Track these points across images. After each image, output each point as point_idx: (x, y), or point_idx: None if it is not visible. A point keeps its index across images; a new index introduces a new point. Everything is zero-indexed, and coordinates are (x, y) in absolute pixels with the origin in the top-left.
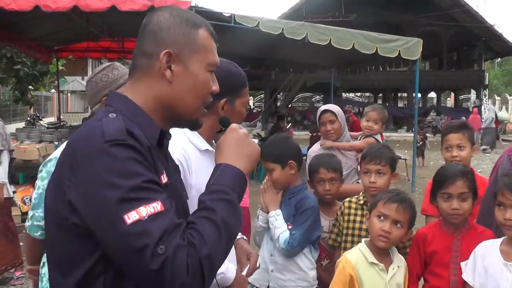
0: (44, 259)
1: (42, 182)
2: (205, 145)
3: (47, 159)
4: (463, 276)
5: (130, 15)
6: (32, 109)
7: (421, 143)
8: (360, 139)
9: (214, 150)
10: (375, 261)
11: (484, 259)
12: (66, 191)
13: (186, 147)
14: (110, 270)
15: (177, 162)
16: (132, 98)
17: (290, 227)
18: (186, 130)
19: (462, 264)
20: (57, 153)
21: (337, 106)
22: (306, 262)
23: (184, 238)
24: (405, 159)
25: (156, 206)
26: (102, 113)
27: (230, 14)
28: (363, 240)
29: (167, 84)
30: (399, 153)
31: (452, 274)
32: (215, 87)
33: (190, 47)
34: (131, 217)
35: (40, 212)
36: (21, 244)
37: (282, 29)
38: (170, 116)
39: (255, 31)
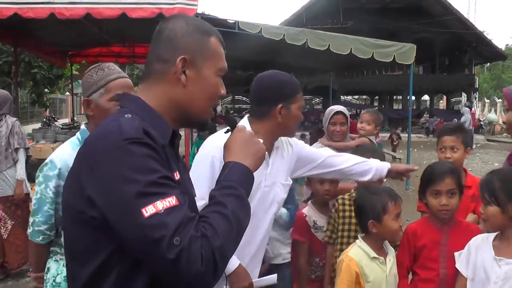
0: (48, 264)
1: (39, 187)
2: None
3: (43, 163)
4: (456, 265)
5: (140, 21)
6: (47, 111)
7: (397, 142)
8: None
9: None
10: (376, 256)
11: (477, 252)
12: (85, 186)
13: None
14: (124, 261)
15: (217, 147)
16: (146, 100)
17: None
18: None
19: (456, 254)
20: (53, 156)
21: (346, 109)
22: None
23: (197, 230)
24: (400, 158)
25: (171, 201)
26: (117, 114)
27: (234, 21)
28: (359, 236)
29: (182, 87)
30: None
31: (441, 267)
32: (223, 90)
33: (203, 54)
34: (148, 210)
35: (39, 217)
36: None
37: (284, 35)
38: (181, 118)
39: (258, 37)
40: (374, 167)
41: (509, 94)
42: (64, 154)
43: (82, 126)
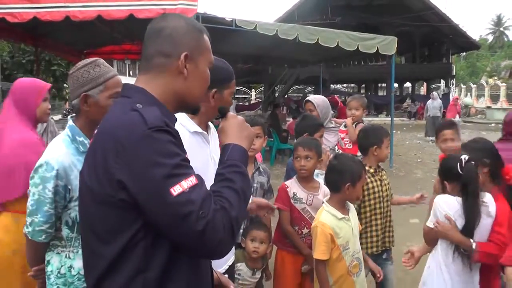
0: (48, 257)
1: (36, 189)
2: (194, 127)
3: (37, 164)
4: None
5: (146, 22)
6: (67, 104)
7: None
8: (343, 125)
9: (203, 132)
10: (342, 215)
11: None
12: (114, 172)
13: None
14: (148, 236)
15: None
16: (149, 90)
17: None
18: (178, 114)
19: None
20: (48, 157)
21: (321, 98)
22: None
23: (216, 203)
24: None
25: (192, 180)
26: (128, 104)
27: (231, 19)
28: (324, 201)
29: (183, 79)
30: None
31: None
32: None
33: (200, 49)
34: (176, 190)
35: (40, 218)
36: None
37: (276, 31)
38: (180, 105)
39: (254, 33)
40: None
41: None
42: (60, 155)
43: (70, 122)
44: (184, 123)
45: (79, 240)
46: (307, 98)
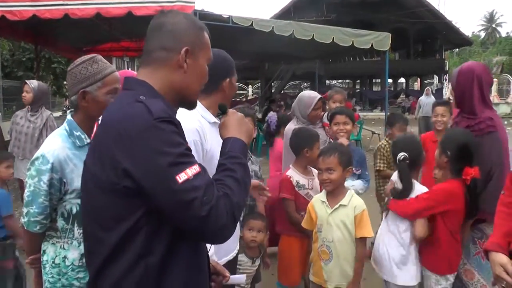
0: (44, 247)
1: (32, 180)
2: (213, 118)
3: (34, 157)
4: None
5: (144, 19)
6: (67, 101)
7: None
8: (325, 118)
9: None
10: (323, 199)
11: None
12: (120, 160)
13: (200, 120)
14: (150, 223)
15: (195, 131)
16: (150, 83)
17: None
18: (197, 107)
19: None
20: (44, 151)
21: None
22: None
23: (219, 190)
24: (379, 134)
25: (196, 168)
26: (131, 96)
27: (228, 16)
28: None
29: (183, 73)
30: (374, 129)
31: None
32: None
33: (200, 45)
34: (181, 177)
35: (35, 209)
36: None
37: (272, 27)
38: (178, 99)
39: (250, 29)
40: None
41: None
42: (56, 148)
43: (69, 117)
44: (204, 115)
45: (73, 232)
46: (320, 96)
